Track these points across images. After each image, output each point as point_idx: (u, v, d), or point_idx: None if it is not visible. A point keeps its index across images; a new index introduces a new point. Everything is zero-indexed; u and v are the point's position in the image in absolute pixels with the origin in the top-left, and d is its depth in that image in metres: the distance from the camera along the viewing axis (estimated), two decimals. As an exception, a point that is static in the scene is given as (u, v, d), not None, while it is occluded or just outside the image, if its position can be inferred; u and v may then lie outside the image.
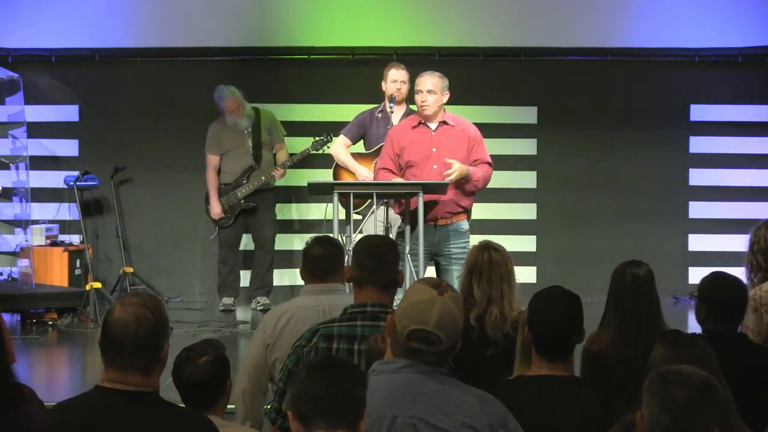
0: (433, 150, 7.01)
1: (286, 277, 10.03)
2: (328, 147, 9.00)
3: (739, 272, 5.19)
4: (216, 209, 9.46)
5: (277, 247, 9.79)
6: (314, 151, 9.32)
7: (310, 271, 4.42)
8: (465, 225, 7.13)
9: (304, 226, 10.22)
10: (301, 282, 4.52)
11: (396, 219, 7.13)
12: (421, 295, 3.01)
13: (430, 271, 7.18)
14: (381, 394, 2.91)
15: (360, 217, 7.16)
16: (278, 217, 9.91)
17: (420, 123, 7.07)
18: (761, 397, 4.04)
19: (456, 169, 6.89)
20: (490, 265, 4.71)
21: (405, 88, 8.00)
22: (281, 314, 4.41)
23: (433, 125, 7.06)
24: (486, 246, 4.79)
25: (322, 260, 4.39)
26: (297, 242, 10.19)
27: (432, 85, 7.03)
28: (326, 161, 8.82)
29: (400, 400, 2.95)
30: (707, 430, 2.71)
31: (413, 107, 8.07)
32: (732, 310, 4.25)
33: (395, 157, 7.09)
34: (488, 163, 7.16)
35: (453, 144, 7.03)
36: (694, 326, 8.49)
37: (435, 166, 6.99)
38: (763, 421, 4.04)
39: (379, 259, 3.86)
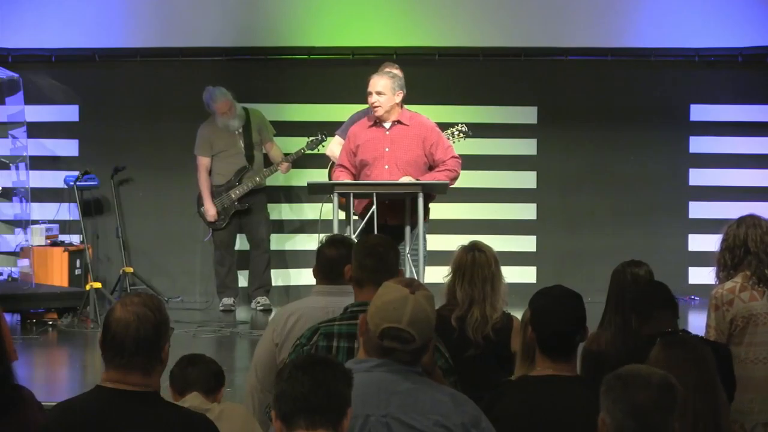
0: (385, 150, 7.03)
1: (281, 278, 10.02)
2: (323, 146, 9.00)
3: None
4: (211, 211, 9.45)
5: (271, 247, 9.78)
6: (309, 151, 9.32)
7: (322, 271, 4.42)
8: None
9: (297, 226, 10.22)
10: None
11: None
12: (394, 293, 3.02)
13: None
14: (354, 393, 2.91)
15: (356, 217, 7.16)
16: (271, 218, 9.91)
17: (376, 122, 7.09)
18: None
19: None
20: (473, 266, 4.69)
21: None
22: (290, 314, 4.39)
23: (387, 124, 7.07)
24: (471, 247, 4.78)
25: (334, 261, 4.36)
26: (290, 243, 10.19)
27: (381, 87, 7.04)
28: (324, 161, 8.81)
29: (373, 398, 2.96)
30: (670, 427, 2.74)
31: (408, 107, 8.07)
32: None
33: (351, 156, 7.12)
34: (453, 157, 7.13)
35: (406, 144, 7.03)
36: (693, 327, 8.51)
37: (386, 166, 7.00)
38: None
39: (379, 259, 3.87)
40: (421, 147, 7.03)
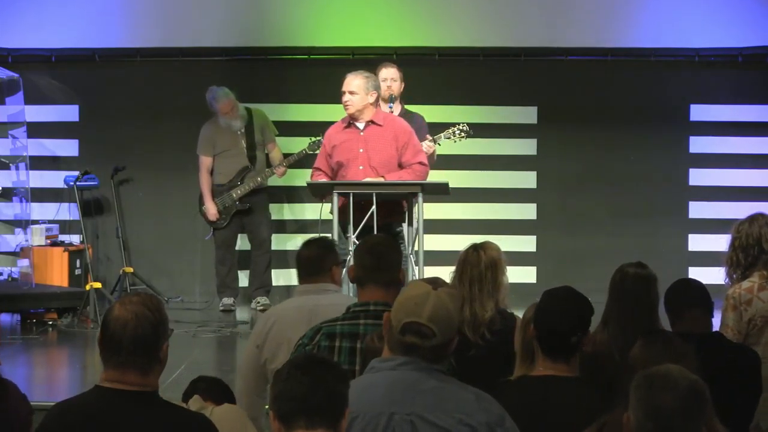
0: (360, 150, 7.03)
1: (282, 277, 10.02)
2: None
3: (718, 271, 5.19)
4: (212, 210, 9.45)
5: (272, 247, 9.78)
6: (311, 152, 9.32)
7: (300, 271, 4.54)
8: (396, 226, 7.08)
9: (298, 226, 10.22)
10: (297, 282, 4.61)
11: None
12: (416, 290, 3.03)
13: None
14: (379, 391, 2.92)
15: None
16: (272, 218, 9.91)
17: (350, 123, 7.09)
18: (740, 397, 4.04)
19: None
20: (463, 265, 4.70)
21: (396, 86, 7.99)
22: (269, 316, 4.54)
23: (361, 125, 7.07)
24: (472, 246, 4.78)
25: (308, 261, 4.49)
26: (291, 243, 10.18)
27: (355, 87, 7.06)
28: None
29: (398, 396, 2.96)
30: None
31: (408, 107, 8.07)
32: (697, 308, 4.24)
33: (327, 158, 7.11)
34: (419, 163, 7.10)
35: (380, 144, 7.04)
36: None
37: (361, 167, 7.01)
38: (744, 421, 4.04)
39: (379, 258, 3.88)
40: (394, 147, 7.05)
